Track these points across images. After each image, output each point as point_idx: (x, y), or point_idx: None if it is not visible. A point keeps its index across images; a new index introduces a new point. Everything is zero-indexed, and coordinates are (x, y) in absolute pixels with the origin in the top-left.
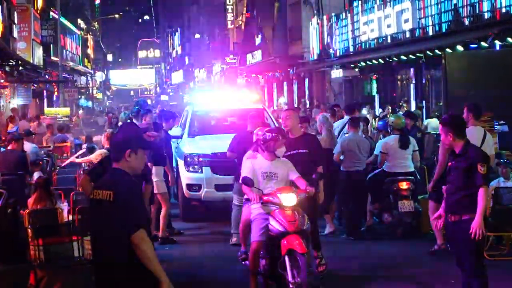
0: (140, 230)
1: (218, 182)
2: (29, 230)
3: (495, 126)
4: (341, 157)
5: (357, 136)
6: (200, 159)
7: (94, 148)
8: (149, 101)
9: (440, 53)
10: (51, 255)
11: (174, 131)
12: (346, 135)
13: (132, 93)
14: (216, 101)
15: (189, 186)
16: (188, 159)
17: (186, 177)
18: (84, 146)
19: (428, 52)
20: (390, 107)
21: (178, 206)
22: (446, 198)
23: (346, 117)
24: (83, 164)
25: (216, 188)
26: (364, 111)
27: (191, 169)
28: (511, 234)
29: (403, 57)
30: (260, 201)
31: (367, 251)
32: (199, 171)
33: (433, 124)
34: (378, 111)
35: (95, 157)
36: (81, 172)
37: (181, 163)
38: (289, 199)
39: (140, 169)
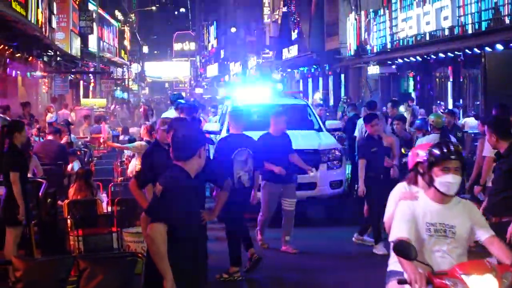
0: (157, 223)
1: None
2: (69, 221)
3: None
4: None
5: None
6: None
7: (134, 140)
8: (183, 94)
9: (479, 51)
10: (90, 246)
11: (212, 126)
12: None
13: (166, 85)
14: (257, 95)
15: None
16: None
17: None
18: (121, 137)
19: (467, 50)
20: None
21: None
22: (488, 199)
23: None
24: (122, 155)
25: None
26: (402, 108)
27: None
28: None
29: (441, 55)
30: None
31: None
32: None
33: (470, 123)
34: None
35: (134, 147)
36: (118, 163)
37: None
38: None
39: (200, 168)
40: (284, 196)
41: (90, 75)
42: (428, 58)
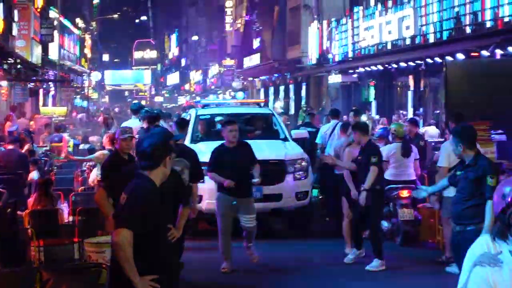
0: (123, 229)
1: None
2: (30, 231)
3: (493, 136)
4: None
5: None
6: (203, 167)
7: (94, 150)
8: (143, 102)
9: (440, 60)
10: (51, 257)
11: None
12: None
13: (126, 93)
14: (221, 105)
15: None
16: None
17: None
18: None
19: (428, 59)
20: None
21: None
22: (453, 208)
23: (333, 122)
24: (83, 164)
25: None
26: (364, 117)
27: None
28: None
29: (402, 64)
30: None
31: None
32: (201, 180)
33: (430, 131)
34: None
35: (96, 157)
36: (79, 173)
37: None
38: None
39: (166, 176)
40: (240, 211)
41: (50, 83)
42: (389, 67)
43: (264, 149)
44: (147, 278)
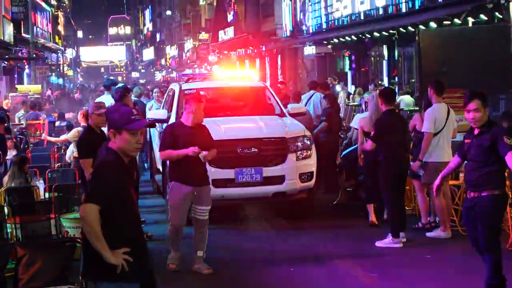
0: (88, 204)
1: (216, 177)
2: (6, 208)
3: None
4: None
5: None
6: None
7: (72, 126)
8: (120, 78)
9: (413, 30)
10: (28, 233)
11: (156, 113)
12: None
13: (102, 70)
14: (210, 77)
15: None
16: None
17: None
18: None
19: (401, 29)
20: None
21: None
22: (466, 175)
23: (311, 92)
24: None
25: (213, 183)
26: (338, 88)
27: None
28: None
29: (376, 34)
30: None
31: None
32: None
33: (406, 100)
34: (350, 88)
35: (71, 136)
36: (55, 150)
37: None
38: None
39: (131, 151)
40: (196, 202)
41: (25, 61)
42: (363, 37)
43: (261, 126)
44: (119, 252)
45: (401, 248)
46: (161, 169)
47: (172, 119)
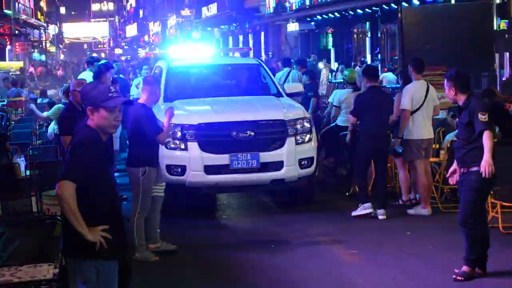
0: (65, 181)
1: (208, 163)
2: None
3: None
4: None
5: None
6: (184, 131)
7: (54, 103)
8: (103, 55)
9: (396, 6)
10: (9, 211)
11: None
12: None
13: (85, 46)
14: (199, 54)
15: (170, 168)
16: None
17: (164, 155)
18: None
19: (384, 5)
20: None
21: None
22: (456, 152)
23: (286, 69)
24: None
25: (205, 170)
26: (321, 65)
27: (171, 145)
28: None
29: (359, 11)
30: None
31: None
32: (182, 147)
33: (389, 77)
34: (333, 65)
35: (52, 113)
36: (37, 127)
37: None
38: None
39: (109, 128)
40: (157, 181)
41: (6, 37)
42: (347, 14)
43: (258, 108)
44: (97, 229)
45: (381, 224)
46: None
47: (160, 99)
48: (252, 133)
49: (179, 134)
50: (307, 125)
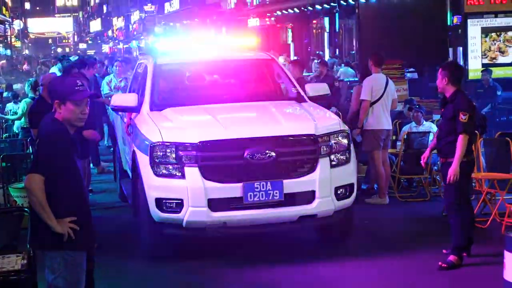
0: (33, 175)
1: (214, 195)
2: None
3: (406, 74)
4: None
5: None
6: (180, 152)
7: (18, 95)
8: (67, 49)
9: (353, 2)
10: None
11: (122, 98)
12: None
13: (50, 41)
14: (194, 47)
15: (161, 203)
16: (158, 153)
17: (153, 185)
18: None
19: (342, 1)
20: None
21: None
22: (437, 143)
23: None
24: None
25: (210, 205)
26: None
27: (163, 170)
28: (421, 177)
29: (318, 7)
30: None
31: None
32: (178, 174)
33: (346, 72)
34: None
35: (24, 111)
36: (3, 121)
37: (142, 159)
38: None
39: (76, 121)
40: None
41: None
42: (306, 9)
43: (278, 119)
44: (65, 220)
45: None
46: (130, 172)
47: (146, 107)
48: (273, 154)
49: (173, 156)
50: (344, 141)
